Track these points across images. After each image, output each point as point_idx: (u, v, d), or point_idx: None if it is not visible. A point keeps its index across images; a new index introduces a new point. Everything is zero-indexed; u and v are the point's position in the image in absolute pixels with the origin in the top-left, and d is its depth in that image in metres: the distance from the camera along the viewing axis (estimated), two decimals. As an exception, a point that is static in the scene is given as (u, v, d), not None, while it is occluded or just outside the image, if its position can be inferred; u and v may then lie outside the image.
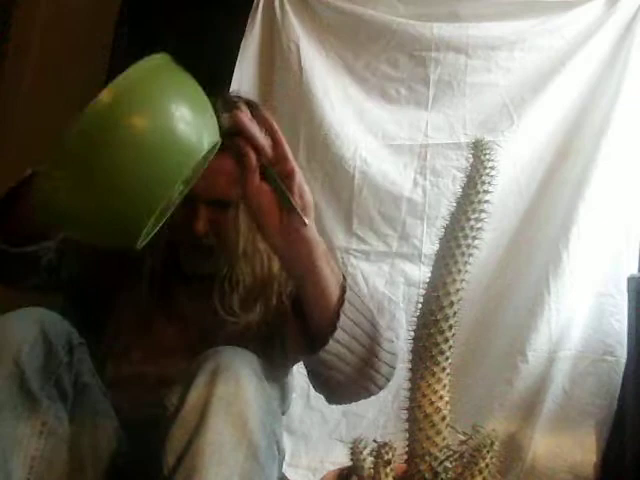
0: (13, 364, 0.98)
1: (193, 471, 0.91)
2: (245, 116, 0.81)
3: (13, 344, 0.99)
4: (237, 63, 1.82)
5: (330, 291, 0.92)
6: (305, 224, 0.84)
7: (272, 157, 0.83)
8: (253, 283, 1.19)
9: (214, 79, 1.80)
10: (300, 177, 0.83)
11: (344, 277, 0.94)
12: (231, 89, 1.79)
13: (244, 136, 0.81)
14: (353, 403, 1.79)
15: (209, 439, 0.92)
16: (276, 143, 0.83)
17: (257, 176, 0.83)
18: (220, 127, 0.81)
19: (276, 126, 0.83)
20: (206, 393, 0.94)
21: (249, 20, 1.84)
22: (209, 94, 0.81)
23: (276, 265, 1.19)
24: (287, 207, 0.83)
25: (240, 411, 0.94)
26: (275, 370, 1.12)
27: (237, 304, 1.18)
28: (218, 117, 0.81)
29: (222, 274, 1.17)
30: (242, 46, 1.83)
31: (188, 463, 0.92)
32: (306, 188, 0.84)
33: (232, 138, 0.82)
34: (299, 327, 0.96)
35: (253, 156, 0.82)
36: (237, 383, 0.95)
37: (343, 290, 0.93)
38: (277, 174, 0.83)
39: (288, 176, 0.84)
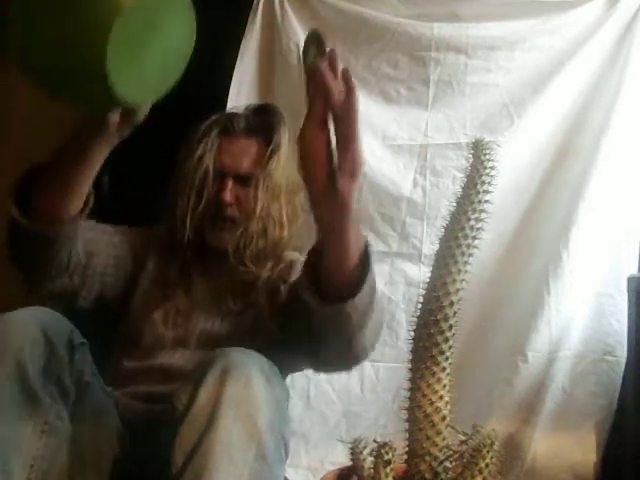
0: (15, 364, 0.99)
1: (202, 470, 0.91)
2: (326, 66, 0.82)
3: (15, 343, 0.99)
4: (237, 63, 1.82)
5: (350, 254, 0.91)
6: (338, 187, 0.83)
7: (338, 116, 0.82)
8: (265, 242, 1.30)
9: (214, 79, 1.80)
10: (359, 142, 0.82)
11: (368, 253, 0.93)
12: (231, 90, 1.79)
13: (318, 83, 0.82)
14: (353, 403, 1.80)
15: (219, 438, 0.92)
16: (348, 105, 0.82)
17: (316, 123, 0.83)
18: (306, 60, 0.85)
19: (355, 92, 0.83)
20: (216, 393, 0.95)
21: (249, 20, 1.84)
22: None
23: (286, 231, 1.32)
24: (333, 166, 0.83)
25: (250, 411, 0.94)
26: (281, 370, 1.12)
27: (249, 257, 1.29)
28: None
29: (239, 234, 1.30)
30: (242, 46, 1.83)
31: (197, 462, 0.92)
32: (361, 154, 0.83)
33: (309, 81, 0.84)
34: (310, 281, 0.94)
35: (320, 103, 0.83)
36: (247, 383, 0.96)
37: (363, 261, 0.92)
38: (337, 133, 0.82)
39: (347, 138, 0.82)
